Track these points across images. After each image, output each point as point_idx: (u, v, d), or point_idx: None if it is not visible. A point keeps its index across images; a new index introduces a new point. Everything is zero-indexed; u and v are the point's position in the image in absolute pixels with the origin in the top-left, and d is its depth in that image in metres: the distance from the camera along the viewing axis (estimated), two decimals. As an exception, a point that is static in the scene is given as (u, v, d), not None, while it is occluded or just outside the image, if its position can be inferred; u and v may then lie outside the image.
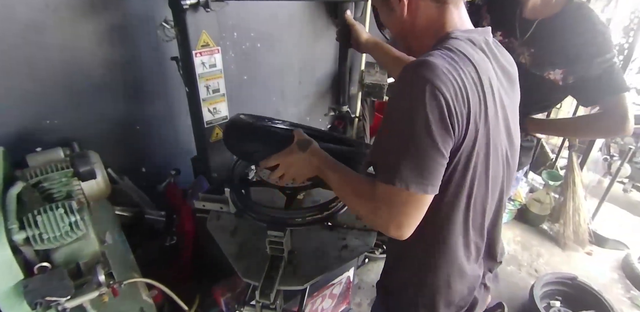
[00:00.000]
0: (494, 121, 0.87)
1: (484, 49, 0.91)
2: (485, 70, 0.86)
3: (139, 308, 1.26)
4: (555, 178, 3.02)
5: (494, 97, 0.87)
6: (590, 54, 1.40)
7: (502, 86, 0.93)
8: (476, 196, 0.92)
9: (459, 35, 0.88)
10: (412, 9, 0.91)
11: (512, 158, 1.01)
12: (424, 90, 0.76)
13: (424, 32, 0.93)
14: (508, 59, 1.00)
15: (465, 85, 0.80)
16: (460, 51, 0.84)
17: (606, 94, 1.42)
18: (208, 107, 1.79)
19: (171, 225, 1.91)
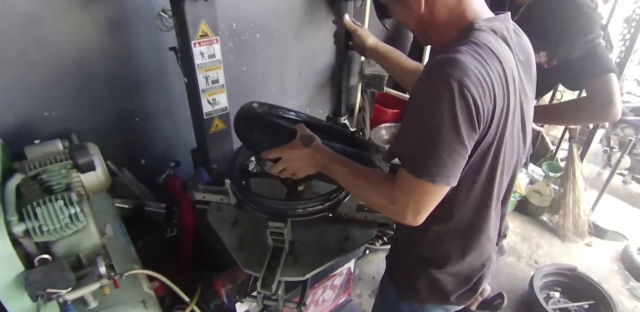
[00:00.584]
0: (512, 113, 0.89)
1: (506, 37, 0.90)
2: (508, 63, 0.86)
3: (140, 300, 1.25)
4: (555, 170, 3.02)
5: (515, 90, 0.88)
6: (572, 34, 1.39)
7: (521, 76, 0.93)
8: (496, 181, 0.96)
9: (482, 26, 0.87)
10: (430, 2, 0.89)
11: (525, 145, 1.03)
12: (452, 89, 0.77)
13: (445, 24, 0.92)
14: (525, 44, 1.00)
15: (493, 82, 0.81)
16: (486, 45, 0.83)
17: (590, 76, 1.40)
18: (207, 98, 1.77)
19: (171, 217, 1.91)
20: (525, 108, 0.97)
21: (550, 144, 3.31)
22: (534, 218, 3.13)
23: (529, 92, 1.00)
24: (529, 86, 0.99)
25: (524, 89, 0.95)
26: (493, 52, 0.83)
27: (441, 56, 0.82)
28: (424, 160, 0.84)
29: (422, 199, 0.88)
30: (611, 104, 1.38)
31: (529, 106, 1.01)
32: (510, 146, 0.94)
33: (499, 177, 0.96)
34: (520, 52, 0.95)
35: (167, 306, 1.49)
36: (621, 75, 2.72)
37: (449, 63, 0.79)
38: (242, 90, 2.26)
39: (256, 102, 1.35)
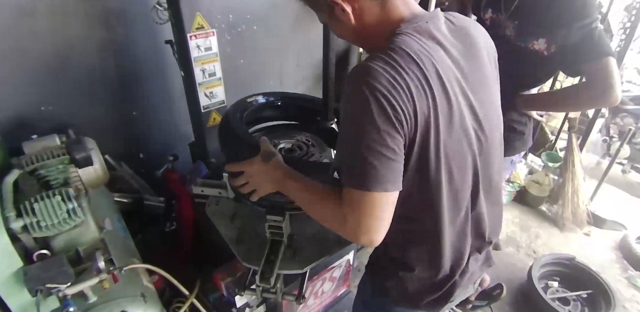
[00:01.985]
0: (449, 111, 0.87)
1: (434, 35, 0.88)
2: (431, 63, 0.84)
3: (139, 294, 1.26)
4: (555, 160, 3.02)
5: (445, 88, 0.85)
6: (569, 19, 1.38)
7: (462, 69, 0.91)
8: (443, 182, 0.91)
9: (403, 30, 0.86)
10: (358, 14, 0.88)
11: (489, 142, 0.99)
12: (365, 95, 0.78)
13: (376, 33, 0.90)
14: (469, 32, 0.97)
15: (408, 83, 0.80)
16: (403, 48, 0.82)
17: (587, 60, 1.39)
18: (204, 92, 1.77)
19: (171, 211, 1.91)
20: (476, 100, 0.94)
21: (550, 134, 3.30)
22: (533, 208, 3.14)
23: (486, 79, 0.99)
24: (480, 74, 0.97)
25: (469, 79, 0.92)
26: (410, 56, 0.82)
27: (355, 65, 0.83)
28: (356, 170, 0.83)
29: (368, 211, 0.84)
30: (610, 87, 1.36)
31: (487, 96, 0.99)
32: (455, 145, 0.91)
33: (447, 178, 0.92)
34: (461, 42, 0.93)
35: (167, 300, 1.50)
36: (621, 63, 2.71)
37: (360, 71, 0.81)
38: (239, 83, 2.24)
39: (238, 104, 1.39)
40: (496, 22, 1.59)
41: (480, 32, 1.01)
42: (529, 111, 1.69)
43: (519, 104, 1.65)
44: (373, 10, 0.88)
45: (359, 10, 0.88)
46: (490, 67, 1.01)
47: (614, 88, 1.36)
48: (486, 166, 1.01)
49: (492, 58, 1.04)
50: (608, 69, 1.36)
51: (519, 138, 1.73)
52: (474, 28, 0.99)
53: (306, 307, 1.62)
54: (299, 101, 1.65)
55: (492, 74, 1.03)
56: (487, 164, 1.02)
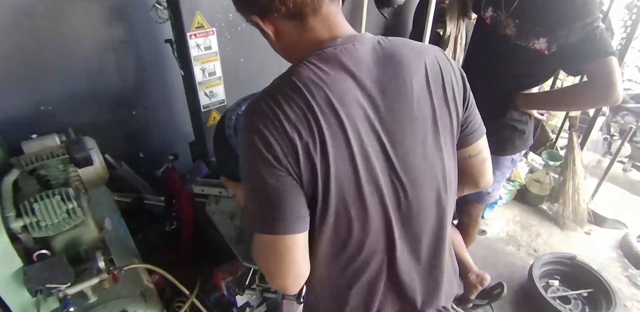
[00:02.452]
0: (344, 151, 0.77)
1: (344, 64, 0.78)
2: (323, 94, 0.75)
3: (140, 293, 1.26)
4: (555, 158, 3.02)
5: (342, 124, 0.76)
6: (570, 18, 1.37)
7: (375, 107, 0.80)
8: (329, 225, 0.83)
9: (307, 57, 0.80)
10: (279, 34, 0.84)
11: (414, 199, 0.87)
12: (245, 135, 0.77)
13: (296, 55, 0.85)
14: (405, 72, 0.82)
15: (288, 117, 0.74)
16: (292, 78, 0.77)
17: (588, 60, 1.38)
18: (204, 91, 1.77)
19: (171, 210, 1.91)
20: (391, 144, 0.82)
21: (550, 132, 3.30)
22: (534, 207, 3.13)
23: (413, 120, 0.83)
24: (404, 113, 0.82)
25: (384, 118, 0.81)
26: (297, 86, 0.75)
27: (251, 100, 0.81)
28: (251, 213, 0.81)
29: (270, 255, 0.81)
30: (612, 86, 1.35)
31: (411, 140, 0.84)
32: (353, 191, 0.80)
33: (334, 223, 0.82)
34: (385, 73, 0.81)
35: (167, 299, 1.50)
36: (622, 62, 2.70)
37: (249, 106, 0.79)
38: (239, 82, 2.24)
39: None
40: (496, 20, 1.58)
41: (418, 62, 0.84)
42: (529, 110, 1.69)
43: (519, 103, 1.65)
44: (292, 32, 0.82)
45: (280, 31, 0.83)
46: (421, 104, 0.84)
47: (615, 87, 1.36)
48: (409, 225, 0.89)
49: (435, 91, 0.85)
50: (609, 69, 1.35)
51: (519, 137, 1.73)
52: (412, 56, 0.84)
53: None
54: None
55: (424, 110, 0.84)
56: (411, 222, 0.89)
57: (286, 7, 0.77)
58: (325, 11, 0.81)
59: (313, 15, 0.80)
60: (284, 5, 0.77)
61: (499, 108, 1.67)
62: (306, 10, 0.79)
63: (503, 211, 3.06)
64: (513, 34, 1.52)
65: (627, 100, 3.14)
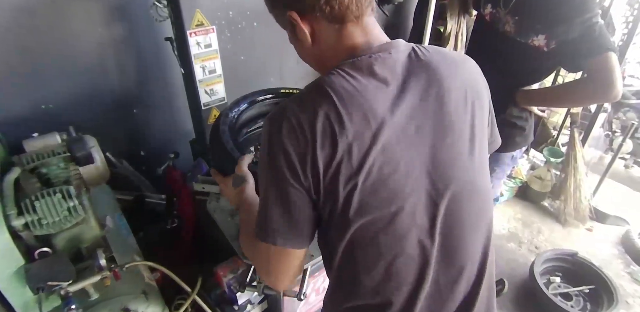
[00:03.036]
0: (372, 162, 0.73)
1: (376, 72, 0.76)
2: (358, 105, 0.73)
3: (141, 291, 1.26)
4: (557, 155, 3.01)
5: (376, 134, 0.73)
6: (569, 14, 1.37)
7: (410, 114, 0.77)
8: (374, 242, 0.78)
9: (341, 64, 0.78)
10: (315, 37, 0.81)
11: (452, 207, 0.80)
12: (271, 142, 0.75)
13: (329, 60, 0.82)
14: (442, 79, 0.79)
15: (316, 132, 0.71)
16: (324, 87, 0.74)
17: (588, 56, 1.37)
18: (205, 89, 1.77)
19: (172, 208, 1.91)
20: (428, 150, 0.78)
21: (552, 129, 3.29)
22: (535, 204, 3.13)
23: (449, 126, 0.80)
24: (439, 119, 0.79)
25: (421, 125, 0.77)
26: (329, 95, 0.73)
27: (278, 106, 0.78)
28: (260, 216, 0.81)
29: (270, 262, 0.83)
30: (611, 83, 1.35)
31: (446, 146, 0.79)
32: (383, 203, 0.75)
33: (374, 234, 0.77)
34: (419, 80, 0.78)
35: (169, 296, 1.50)
36: (623, 58, 2.69)
37: (275, 114, 0.76)
38: (240, 80, 2.24)
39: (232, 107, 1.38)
40: (496, 17, 1.58)
41: (455, 71, 0.82)
42: (529, 107, 1.69)
43: (519, 100, 1.65)
44: (329, 35, 0.80)
45: (317, 33, 0.81)
46: (459, 113, 0.81)
47: (614, 83, 1.35)
48: (447, 237, 0.81)
49: (471, 101, 0.83)
50: (609, 65, 1.34)
51: (520, 134, 1.73)
52: (448, 65, 0.82)
53: (308, 304, 1.62)
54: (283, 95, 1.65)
55: (460, 122, 0.81)
56: (450, 234, 0.82)
57: (331, 8, 0.76)
58: (365, 20, 0.80)
59: (354, 21, 0.79)
60: (329, 5, 0.76)
61: (499, 105, 1.66)
62: (349, 16, 0.78)
63: (504, 208, 3.06)
64: (512, 31, 1.52)
65: (629, 97, 3.13)
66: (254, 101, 1.56)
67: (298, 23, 0.79)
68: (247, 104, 1.52)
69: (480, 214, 0.86)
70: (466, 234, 0.84)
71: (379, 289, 0.80)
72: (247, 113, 1.53)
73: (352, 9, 0.77)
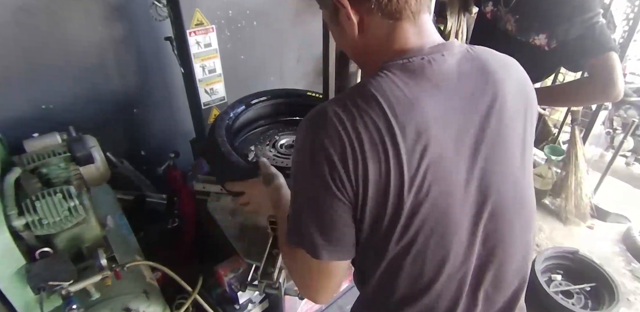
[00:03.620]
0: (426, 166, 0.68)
1: (430, 77, 0.70)
2: (409, 116, 0.67)
3: (142, 290, 1.26)
4: (557, 153, 3.00)
5: (424, 145, 0.68)
6: (569, 14, 1.36)
7: (463, 125, 0.72)
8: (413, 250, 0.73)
9: (390, 65, 0.71)
10: (364, 28, 0.74)
11: (499, 222, 0.77)
12: (312, 145, 0.68)
13: (375, 55, 0.76)
14: (496, 85, 0.74)
15: (362, 140, 0.66)
16: (374, 94, 0.67)
17: (589, 55, 1.37)
18: (205, 88, 1.77)
19: (172, 207, 1.91)
20: (481, 162, 0.73)
21: (552, 127, 3.28)
22: (536, 201, 3.12)
23: (504, 136, 0.75)
24: (494, 128, 0.74)
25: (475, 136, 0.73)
26: (379, 104, 0.66)
27: (315, 107, 0.72)
28: (295, 227, 0.75)
29: (311, 275, 0.79)
30: (612, 83, 1.35)
31: (500, 158, 0.75)
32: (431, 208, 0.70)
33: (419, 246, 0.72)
34: (474, 87, 0.73)
35: (170, 296, 1.51)
36: (624, 55, 2.68)
37: (314, 118, 0.70)
38: (240, 79, 2.24)
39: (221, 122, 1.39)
40: (497, 15, 1.57)
41: (508, 74, 0.77)
42: None
43: None
44: (381, 30, 0.73)
45: (366, 25, 0.73)
46: (514, 123, 0.77)
47: (616, 83, 1.35)
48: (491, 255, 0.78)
49: (523, 109, 0.79)
50: (610, 64, 1.34)
51: None
52: (500, 70, 0.76)
53: (309, 303, 1.62)
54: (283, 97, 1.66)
55: (515, 130, 0.77)
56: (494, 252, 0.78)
57: (389, 0, 0.69)
58: (421, 18, 0.74)
59: (411, 18, 0.72)
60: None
61: None
62: (407, 12, 0.71)
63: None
64: (513, 30, 1.52)
65: (630, 94, 3.12)
66: (249, 104, 1.57)
67: (347, 10, 0.71)
68: (243, 107, 1.53)
69: (526, 230, 0.83)
70: (509, 252, 0.81)
71: (414, 297, 0.77)
72: (243, 116, 1.55)
73: (411, 4, 0.70)
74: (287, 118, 1.68)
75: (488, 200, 0.74)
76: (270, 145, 1.55)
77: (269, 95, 1.62)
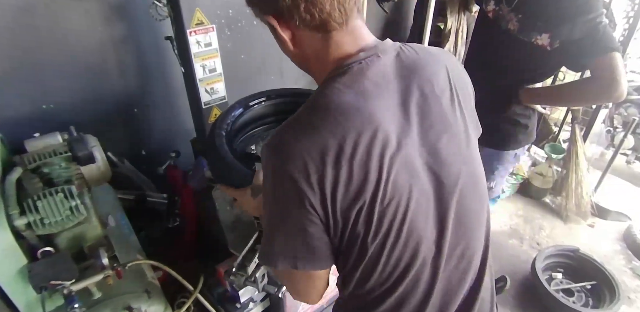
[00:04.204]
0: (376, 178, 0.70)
1: (373, 79, 0.73)
2: (359, 121, 0.68)
3: (144, 289, 1.27)
4: (558, 151, 3.01)
5: (383, 148, 0.70)
6: (572, 14, 1.36)
7: (406, 119, 0.74)
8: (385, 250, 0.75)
9: (334, 74, 0.73)
10: (296, 42, 0.76)
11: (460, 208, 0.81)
12: (275, 172, 0.70)
13: (318, 67, 0.79)
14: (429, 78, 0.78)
15: (325, 160, 0.67)
16: (325, 106, 0.69)
17: (592, 55, 1.36)
18: (205, 88, 1.77)
19: (173, 207, 1.92)
20: (430, 155, 0.77)
21: (553, 125, 3.28)
22: (537, 200, 3.13)
23: (448, 126, 0.79)
24: (435, 119, 0.77)
25: (420, 128, 0.76)
26: (332, 115, 0.68)
27: (275, 130, 0.74)
28: (274, 241, 0.76)
29: (295, 283, 0.84)
30: (615, 83, 1.34)
31: (449, 147, 0.79)
32: (400, 201, 0.73)
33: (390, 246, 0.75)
34: (409, 81, 0.76)
35: (171, 295, 1.51)
36: (625, 53, 2.68)
37: (272, 143, 0.72)
38: (240, 79, 2.24)
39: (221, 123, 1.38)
40: (499, 15, 1.56)
41: (439, 65, 0.81)
42: (533, 105, 1.68)
43: (523, 98, 1.64)
44: (314, 43, 0.74)
45: (298, 39, 0.75)
46: (452, 107, 0.81)
47: (619, 83, 1.34)
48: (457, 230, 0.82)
49: (457, 93, 0.82)
50: (613, 64, 1.33)
51: (522, 131, 1.72)
52: (432, 63, 0.81)
53: (310, 301, 1.63)
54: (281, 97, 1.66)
55: (454, 114, 0.81)
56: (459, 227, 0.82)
57: (311, 16, 0.69)
58: (351, 25, 0.74)
59: (339, 29, 0.73)
60: (308, 13, 0.69)
61: (501, 103, 1.66)
62: (332, 24, 0.71)
63: (506, 205, 3.06)
64: (515, 29, 1.51)
65: (630, 92, 3.12)
66: (247, 106, 1.57)
67: (276, 28, 0.73)
68: (242, 109, 1.54)
69: (483, 202, 0.87)
70: (474, 225, 0.85)
71: (393, 287, 0.80)
72: (242, 118, 1.55)
73: (335, 16, 0.70)
74: (286, 116, 1.69)
75: (445, 180, 0.78)
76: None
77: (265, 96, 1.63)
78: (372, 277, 0.78)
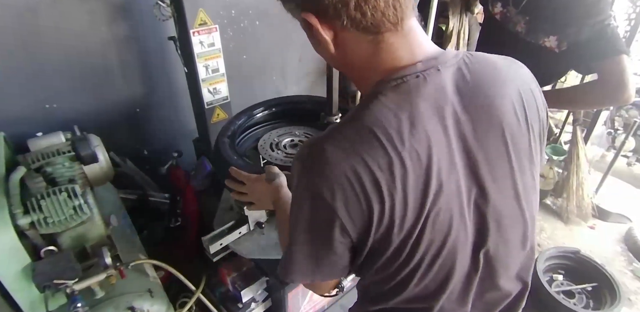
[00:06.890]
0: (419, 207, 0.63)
1: (429, 97, 0.63)
2: (408, 145, 0.61)
3: (146, 289, 1.27)
4: (559, 153, 3.01)
5: (429, 175, 0.63)
6: (580, 16, 1.35)
7: (465, 148, 0.67)
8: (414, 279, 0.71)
9: (382, 88, 0.64)
10: (339, 44, 0.66)
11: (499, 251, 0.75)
12: (310, 191, 0.63)
13: (361, 72, 0.70)
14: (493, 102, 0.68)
15: (364, 183, 0.60)
16: (369, 127, 0.61)
17: (599, 58, 1.35)
18: (208, 88, 1.77)
19: (175, 207, 1.92)
20: (482, 188, 0.69)
21: (554, 127, 3.28)
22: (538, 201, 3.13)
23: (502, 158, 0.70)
24: (493, 150, 0.69)
25: (478, 159, 0.67)
26: (377, 138, 0.60)
27: (307, 143, 0.66)
28: (295, 254, 0.71)
29: (311, 287, 0.88)
30: (623, 86, 1.33)
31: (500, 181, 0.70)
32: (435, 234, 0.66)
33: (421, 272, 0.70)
34: (471, 105, 0.66)
35: (173, 295, 1.51)
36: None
37: (308, 157, 0.64)
38: (243, 79, 2.25)
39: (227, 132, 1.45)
40: (506, 17, 1.55)
41: (511, 88, 0.70)
42: None
43: None
44: (361, 46, 0.65)
45: (342, 41, 0.65)
46: (515, 142, 0.70)
47: (627, 86, 1.33)
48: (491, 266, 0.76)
49: (524, 117, 0.71)
50: (620, 67, 1.32)
51: None
52: (501, 82, 0.69)
53: (312, 301, 1.63)
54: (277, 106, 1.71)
55: (520, 149, 0.71)
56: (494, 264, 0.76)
57: (362, 15, 0.60)
58: (407, 26, 0.64)
59: (393, 30, 0.63)
60: (359, 12, 0.59)
61: None
62: (386, 24, 0.62)
63: (507, 206, 3.06)
64: (523, 31, 1.50)
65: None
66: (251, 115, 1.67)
67: (316, 28, 0.64)
68: (245, 118, 1.59)
69: (524, 239, 0.83)
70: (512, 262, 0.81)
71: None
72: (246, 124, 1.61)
73: (389, 14, 0.60)
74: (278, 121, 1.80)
75: (487, 218, 0.71)
76: (275, 148, 1.57)
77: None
78: (396, 296, 0.74)
